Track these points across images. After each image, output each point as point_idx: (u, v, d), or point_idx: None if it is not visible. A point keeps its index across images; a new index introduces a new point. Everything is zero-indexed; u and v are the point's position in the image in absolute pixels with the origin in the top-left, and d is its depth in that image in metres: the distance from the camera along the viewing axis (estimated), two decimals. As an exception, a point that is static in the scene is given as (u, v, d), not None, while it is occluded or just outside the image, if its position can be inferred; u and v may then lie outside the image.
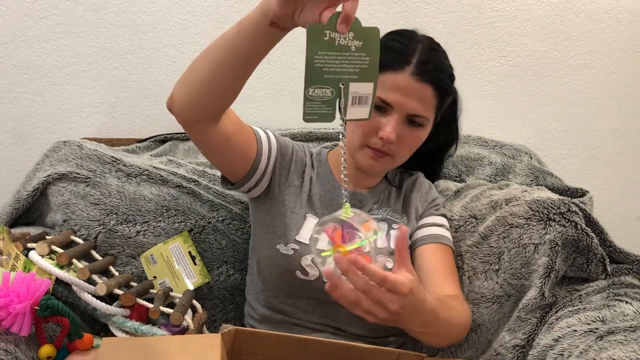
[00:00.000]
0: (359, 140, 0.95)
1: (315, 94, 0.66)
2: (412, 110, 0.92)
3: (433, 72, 0.91)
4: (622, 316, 0.95)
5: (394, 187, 1.09)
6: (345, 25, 0.62)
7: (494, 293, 1.08)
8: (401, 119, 0.92)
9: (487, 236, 1.10)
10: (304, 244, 0.96)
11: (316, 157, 1.07)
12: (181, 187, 1.15)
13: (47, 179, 1.13)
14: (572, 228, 1.05)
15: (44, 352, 0.82)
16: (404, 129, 0.93)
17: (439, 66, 0.93)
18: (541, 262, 1.05)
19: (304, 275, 0.96)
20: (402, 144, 0.94)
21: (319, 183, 1.04)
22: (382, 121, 0.92)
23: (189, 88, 0.82)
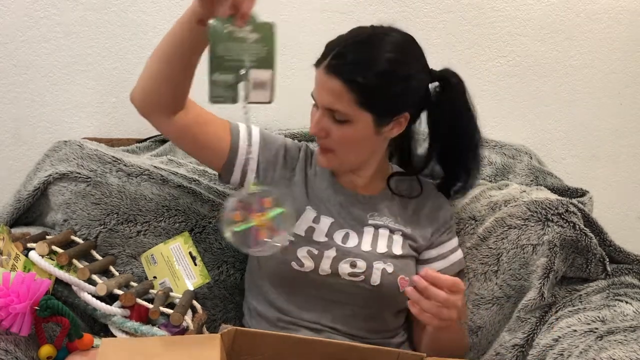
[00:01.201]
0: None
1: (220, 79, 0.79)
2: (326, 104, 0.92)
3: (343, 66, 0.90)
4: (622, 316, 0.95)
5: (398, 197, 1.06)
6: (241, 21, 0.76)
7: (494, 294, 1.08)
8: (323, 113, 0.93)
9: (486, 237, 1.10)
10: (299, 236, 0.98)
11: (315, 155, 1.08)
12: (182, 187, 1.15)
13: (47, 179, 1.13)
14: (570, 228, 1.05)
15: (44, 352, 0.83)
16: (331, 124, 0.93)
17: (355, 60, 0.90)
18: (540, 263, 1.05)
19: (299, 266, 0.97)
20: (334, 139, 0.95)
21: (318, 178, 1.04)
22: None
23: (143, 81, 0.95)
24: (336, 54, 0.90)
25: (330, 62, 0.90)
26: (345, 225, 1.01)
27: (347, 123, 0.93)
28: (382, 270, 0.97)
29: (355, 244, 0.99)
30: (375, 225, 1.02)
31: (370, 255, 0.98)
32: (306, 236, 0.98)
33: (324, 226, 1.00)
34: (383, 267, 0.97)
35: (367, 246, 0.99)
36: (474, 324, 1.10)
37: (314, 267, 0.96)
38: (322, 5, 1.38)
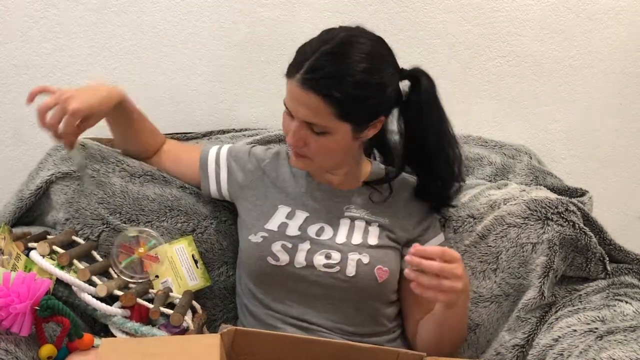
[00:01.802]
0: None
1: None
2: (304, 118, 0.91)
3: (319, 81, 0.88)
4: (621, 316, 0.95)
5: (377, 191, 1.06)
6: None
7: (492, 292, 1.09)
8: (301, 124, 0.92)
9: (485, 236, 1.10)
10: (272, 231, 1.01)
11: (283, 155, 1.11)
12: (184, 188, 1.15)
13: (50, 178, 1.13)
14: (570, 227, 1.06)
15: (44, 352, 0.83)
16: (309, 135, 0.93)
17: (329, 74, 0.88)
18: (539, 262, 1.05)
19: (275, 260, 0.99)
20: (312, 149, 0.95)
21: (293, 176, 1.07)
22: (291, 125, 0.94)
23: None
24: (309, 67, 0.88)
25: (305, 76, 0.88)
26: (320, 219, 1.02)
27: (326, 134, 0.93)
28: (357, 261, 0.98)
29: (329, 237, 1.01)
30: (351, 217, 1.03)
31: (345, 246, 1.00)
32: (279, 231, 1.01)
33: (298, 221, 1.02)
34: (358, 257, 0.98)
35: (342, 238, 1.01)
36: (472, 321, 1.10)
37: (289, 261, 0.98)
38: (322, 5, 1.39)
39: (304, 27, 1.39)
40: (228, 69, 1.41)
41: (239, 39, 1.40)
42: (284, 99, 0.94)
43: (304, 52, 0.91)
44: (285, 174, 1.08)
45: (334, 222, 1.03)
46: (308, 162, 0.98)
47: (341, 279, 0.98)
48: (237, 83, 1.42)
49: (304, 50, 0.92)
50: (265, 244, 1.00)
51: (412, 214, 1.07)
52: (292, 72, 0.91)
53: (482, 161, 1.30)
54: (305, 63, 0.89)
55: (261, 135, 1.33)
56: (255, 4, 1.38)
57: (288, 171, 1.08)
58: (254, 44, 1.40)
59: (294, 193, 1.06)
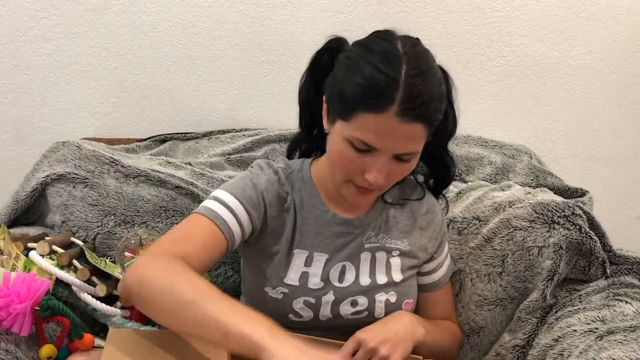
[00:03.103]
0: (342, 177, 0.86)
1: None
2: (402, 150, 0.80)
3: (422, 108, 0.77)
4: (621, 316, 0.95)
5: (392, 205, 0.98)
6: None
7: (497, 296, 1.08)
8: (388, 158, 0.81)
9: (491, 239, 1.09)
10: (293, 287, 0.90)
11: (297, 175, 0.96)
12: (180, 188, 1.15)
13: (45, 180, 1.13)
14: (576, 231, 1.05)
15: (44, 352, 0.82)
16: (393, 165, 0.82)
17: (429, 97, 0.78)
18: (545, 266, 1.04)
19: (298, 317, 0.91)
20: (390, 178, 0.84)
21: (305, 210, 0.94)
22: (367, 161, 0.81)
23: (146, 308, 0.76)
24: (410, 95, 0.76)
25: (406, 106, 0.76)
26: (340, 259, 0.93)
27: (413, 160, 0.84)
28: (385, 302, 0.93)
29: (353, 280, 0.93)
30: (371, 249, 0.95)
31: (371, 288, 0.93)
32: (301, 285, 0.90)
33: (318, 267, 0.92)
34: (386, 297, 0.93)
35: (366, 279, 0.93)
36: (476, 324, 1.10)
37: (313, 316, 0.91)
38: (322, 5, 1.39)
39: (304, 27, 1.39)
40: (228, 69, 1.41)
41: (239, 39, 1.40)
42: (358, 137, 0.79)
43: (381, 81, 0.76)
44: (300, 206, 0.94)
45: (354, 258, 0.94)
46: (375, 194, 0.89)
47: (369, 321, 0.90)
48: (237, 83, 1.42)
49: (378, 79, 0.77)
50: (287, 301, 0.90)
51: (425, 227, 1.00)
52: (378, 104, 0.76)
53: (482, 161, 1.30)
54: (396, 93, 0.75)
55: (261, 135, 1.33)
56: (255, 4, 1.38)
57: (300, 201, 0.94)
58: (254, 44, 1.40)
59: (309, 231, 0.93)
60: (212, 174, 1.22)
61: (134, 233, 1.06)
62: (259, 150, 1.31)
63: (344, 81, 0.81)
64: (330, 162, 0.89)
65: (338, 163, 0.84)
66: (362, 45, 0.83)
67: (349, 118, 0.79)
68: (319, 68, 0.90)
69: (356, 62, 0.80)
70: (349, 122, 0.80)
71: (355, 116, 0.78)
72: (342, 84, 0.81)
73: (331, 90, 0.84)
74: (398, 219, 0.98)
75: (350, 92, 0.79)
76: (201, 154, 1.33)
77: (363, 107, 0.77)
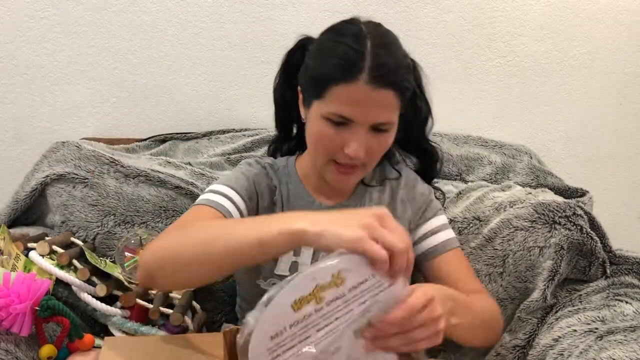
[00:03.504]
0: (324, 157, 0.87)
1: None
2: (377, 119, 0.83)
3: (390, 75, 0.81)
4: (621, 316, 0.95)
5: (374, 187, 1.00)
6: None
7: (498, 296, 1.08)
8: (365, 130, 0.83)
9: (492, 238, 1.09)
10: (284, 277, 0.87)
11: (283, 171, 0.99)
12: (179, 188, 1.15)
13: (45, 180, 1.13)
14: (577, 231, 1.05)
15: (44, 352, 0.82)
16: (371, 137, 0.84)
17: (395, 65, 0.82)
18: (546, 266, 1.04)
19: None
20: (371, 153, 0.86)
21: (291, 202, 0.96)
22: (345, 136, 0.83)
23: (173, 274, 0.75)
24: (375, 65, 0.80)
25: (375, 74, 0.80)
26: None
27: (390, 131, 0.86)
28: None
29: None
30: None
31: None
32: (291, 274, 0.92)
33: (307, 256, 0.93)
34: None
35: None
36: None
37: None
38: (322, 5, 1.39)
39: (304, 27, 1.39)
40: (228, 69, 1.41)
41: (239, 39, 1.40)
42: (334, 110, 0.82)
43: (349, 54, 0.81)
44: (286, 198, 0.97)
45: None
46: (359, 173, 0.90)
47: None
48: (237, 83, 1.42)
49: (345, 52, 0.81)
50: None
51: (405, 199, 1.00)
52: (348, 74, 0.80)
53: (482, 161, 1.30)
54: (363, 62, 0.80)
55: (261, 135, 1.33)
56: (255, 4, 1.38)
57: (287, 193, 0.97)
58: (254, 44, 1.40)
59: None
60: (212, 173, 1.22)
61: (134, 233, 1.06)
62: (259, 150, 1.31)
63: (315, 64, 0.85)
64: (311, 146, 0.91)
65: (318, 143, 0.87)
66: (329, 31, 0.89)
67: (323, 95, 0.83)
68: (291, 67, 0.94)
69: (325, 45, 0.86)
70: (323, 99, 0.83)
71: (329, 92, 0.82)
72: (314, 67, 0.85)
73: (304, 78, 0.89)
74: (380, 200, 0.99)
75: (322, 71, 0.83)
76: (201, 154, 1.33)
77: (335, 81, 0.81)
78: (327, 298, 0.62)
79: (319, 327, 0.62)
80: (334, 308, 0.63)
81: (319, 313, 0.62)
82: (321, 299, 0.62)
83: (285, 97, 0.98)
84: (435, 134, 1.35)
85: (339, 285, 0.62)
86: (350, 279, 0.62)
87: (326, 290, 0.62)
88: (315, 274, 0.61)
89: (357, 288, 0.63)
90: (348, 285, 0.62)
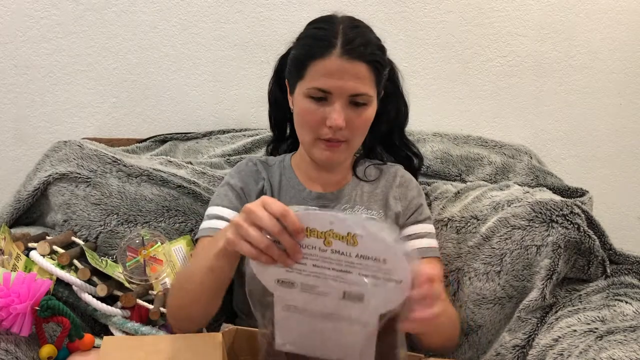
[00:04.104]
0: (310, 135, 0.94)
1: None
2: (352, 90, 0.89)
3: (360, 48, 0.89)
4: (621, 316, 0.95)
5: (366, 182, 1.04)
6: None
7: (496, 294, 1.08)
8: (344, 102, 0.90)
9: (489, 237, 1.10)
10: None
11: (278, 165, 1.05)
12: (182, 188, 1.15)
13: (47, 179, 1.13)
14: (574, 230, 1.05)
15: (44, 352, 0.83)
16: (350, 112, 0.91)
17: (365, 41, 0.91)
18: (543, 264, 1.04)
19: None
20: (352, 127, 0.92)
21: (283, 190, 1.02)
22: (326, 110, 0.90)
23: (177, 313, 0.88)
24: (345, 40, 0.89)
25: (346, 47, 0.88)
26: None
27: (368, 105, 0.92)
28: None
29: None
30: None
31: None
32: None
33: None
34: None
35: None
36: (474, 323, 1.10)
37: None
38: (322, 6, 1.39)
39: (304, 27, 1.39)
40: (228, 69, 1.41)
41: (239, 39, 1.40)
42: (314, 85, 0.90)
43: (322, 34, 0.90)
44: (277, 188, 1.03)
45: None
46: (343, 149, 0.95)
47: None
48: (237, 83, 1.42)
49: (319, 33, 0.91)
50: None
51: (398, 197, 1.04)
52: (323, 50, 0.89)
53: (482, 161, 1.30)
54: (336, 39, 0.89)
55: (261, 135, 1.33)
56: (255, 4, 1.38)
57: (278, 184, 1.03)
58: (254, 44, 1.40)
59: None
60: (213, 172, 1.22)
61: (136, 233, 1.06)
62: (259, 150, 1.31)
63: (295, 50, 0.95)
64: (298, 128, 0.97)
65: (303, 121, 0.94)
66: (308, 24, 0.98)
67: (303, 75, 0.91)
68: (283, 70, 1.02)
69: (303, 33, 0.96)
70: (304, 78, 0.91)
71: (307, 70, 0.90)
72: (295, 53, 0.95)
73: (288, 68, 0.97)
74: (373, 193, 1.04)
75: (300, 53, 0.93)
76: (201, 154, 1.33)
77: (311, 58, 0.90)
78: (334, 247, 0.66)
79: (315, 263, 0.68)
80: (335, 259, 0.67)
81: (321, 253, 0.67)
82: (329, 243, 0.66)
83: (278, 97, 1.05)
84: (436, 134, 1.36)
85: (349, 244, 0.66)
86: (362, 247, 0.65)
87: (337, 240, 0.66)
88: (333, 218, 0.65)
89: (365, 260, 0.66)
90: (357, 251, 0.66)
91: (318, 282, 0.68)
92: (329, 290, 0.69)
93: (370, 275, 0.67)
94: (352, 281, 0.67)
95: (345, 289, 0.68)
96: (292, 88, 0.96)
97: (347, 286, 0.68)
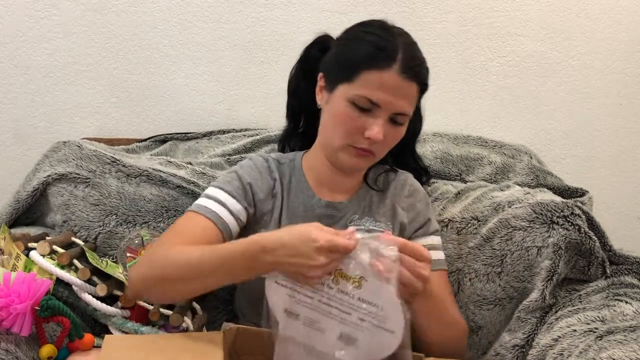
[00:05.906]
0: (343, 140, 0.91)
1: None
2: (399, 109, 0.88)
3: (417, 69, 0.88)
4: (621, 316, 0.95)
5: (376, 191, 1.03)
6: None
7: (496, 295, 1.08)
8: (387, 118, 0.89)
9: (490, 238, 1.10)
10: None
11: (288, 165, 1.02)
12: (181, 188, 1.15)
13: (46, 180, 1.13)
14: (575, 231, 1.05)
15: (44, 352, 0.82)
16: (388, 127, 0.89)
17: (421, 61, 0.91)
18: (544, 266, 1.04)
19: None
20: (385, 142, 0.91)
21: (292, 194, 0.99)
22: (369, 121, 0.88)
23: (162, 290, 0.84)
24: (409, 56, 0.87)
25: (407, 65, 0.86)
26: None
27: (403, 125, 0.92)
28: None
29: None
30: None
31: None
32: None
33: None
34: None
35: None
36: (475, 324, 1.10)
37: None
38: (322, 5, 1.39)
39: (303, 27, 1.39)
40: (228, 69, 1.41)
41: (239, 39, 1.40)
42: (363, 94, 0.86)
43: (384, 45, 0.87)
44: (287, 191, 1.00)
45: None
46: (370, 159, 0.94)
47: None
48: (237, 83, 1.42)
49: (380, 42, 0.87)
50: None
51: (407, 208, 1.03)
52: (383, 62, 0.86)
53: (482, 161, 1.30)
54: (397, 54, 0.86)
55: (261, 135, 1.33)
56: (255, 4, 1.38)
57: (288, 186, 1.00)
58: (254, 44, 1.40)
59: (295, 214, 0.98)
60: (213, 172, 1.22)
61: (136, 233, 1.06)
62: (259, 150, 1.31)
63: (346, 51, 0.91)
64: (329, 128, 0.94)
65: (339, 124, 0.90)
66: (359, 25, 0.95)
67: (353, 79, 0.87)
68: (309, 59, 1.00)
69: (357, 35, 0.92)
70: (353, 82, 0.88)
71: (359, 76, 0.87)
72: (345, 53, 0.91)
73: (330, 64, 0.94)
74: (382, 203, 1.02)
75: (355, 56, 0.88)
76: (201, 154, 1.33)
77: (368, 66, 0.86)
78: (341, 286, 0.69)
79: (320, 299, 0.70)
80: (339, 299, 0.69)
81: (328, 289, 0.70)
82: (337, 281, 0.69)
83: (300, 87, 1.02)
84: (436, 134, 1.36)
85: (354, 286, 0.69)
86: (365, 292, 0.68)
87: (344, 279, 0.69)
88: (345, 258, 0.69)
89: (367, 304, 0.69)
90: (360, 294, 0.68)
91: (320, 317, 0.71)
92: (328, 328, 0.71)
93: (367, 320, 0.69)
94: (350, 322, 0.70)
95: (342, 330, 0.71)
96: (332, 86, 0.92)
97: (345, 327, 0.70)
